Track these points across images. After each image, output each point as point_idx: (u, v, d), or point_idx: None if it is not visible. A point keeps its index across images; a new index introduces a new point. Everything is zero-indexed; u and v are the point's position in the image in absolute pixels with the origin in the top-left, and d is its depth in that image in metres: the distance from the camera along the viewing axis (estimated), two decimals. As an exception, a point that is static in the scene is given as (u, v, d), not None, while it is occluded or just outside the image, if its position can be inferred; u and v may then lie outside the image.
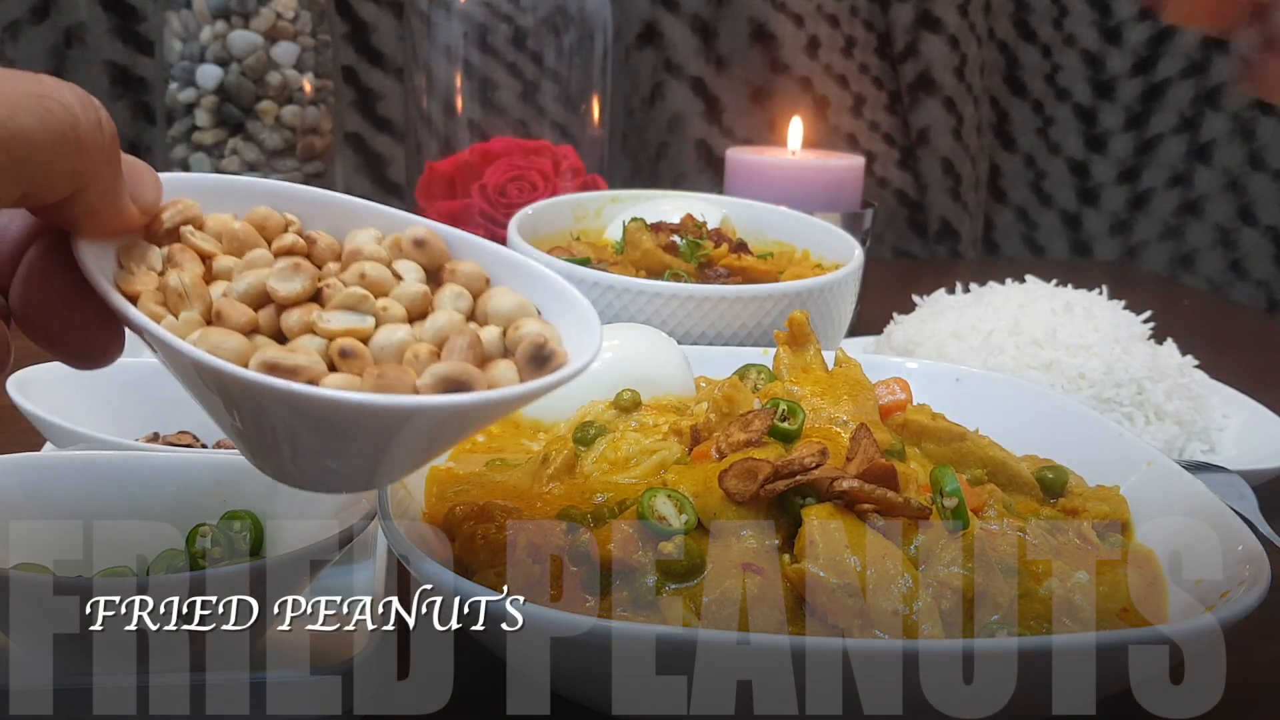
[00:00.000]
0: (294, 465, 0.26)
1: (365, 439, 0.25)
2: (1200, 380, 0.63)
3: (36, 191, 0.23)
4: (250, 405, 0.24)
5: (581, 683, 0.30)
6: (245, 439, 0.26)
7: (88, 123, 0.23)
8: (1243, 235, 1.37)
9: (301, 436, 0.25)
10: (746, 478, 0.32)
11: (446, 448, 0.27)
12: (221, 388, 0.24)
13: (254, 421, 0.25)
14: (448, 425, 0.25)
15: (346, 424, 0.24)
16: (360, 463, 0.26)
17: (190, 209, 0.27)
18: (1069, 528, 0.38)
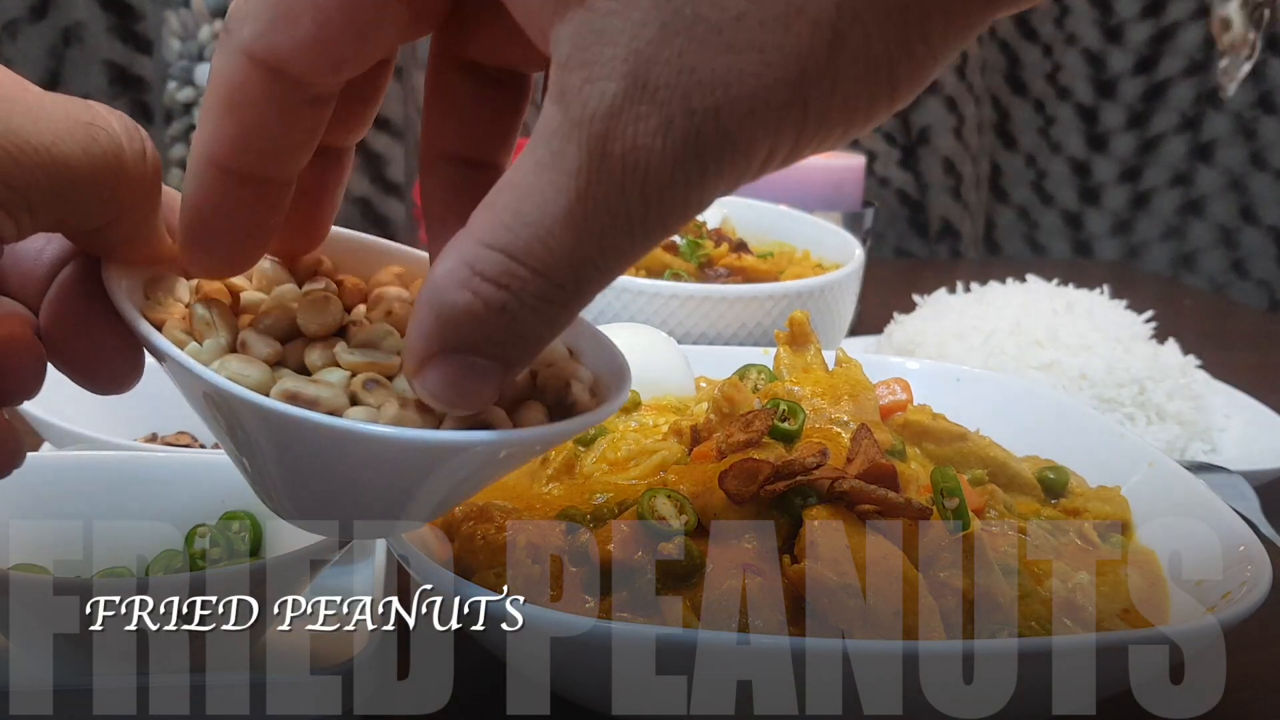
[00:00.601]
0: (309, 504, 0.26)
1: (378, 475, 0.24)
2: (1202, 380, 0.63)
3: (74, 218, 0.22)
4: (268, 436, 0.24)
5: (581, 683, 0.30)
6: (260, 476, 0.26)
7: (132, 153, 0.23)
8: (1244, 235, 1.37)
9: (316, 471, 0.24)
10: (747, 478, 0.32)
11: (467, 491, 0.26)
12: (237, 416, 0.24)
13: (271, 456, 0.24)
14: (467, 464, 0.24)
15: (360, 457, 0.23)
16: (372, 502, 0.25)
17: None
18: (1070, 528, 0.38)
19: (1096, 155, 1.39)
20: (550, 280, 0.20)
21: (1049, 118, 1.38)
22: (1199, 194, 1.38)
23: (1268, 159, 1.34)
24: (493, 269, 0.20)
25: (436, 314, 0.21)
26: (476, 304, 0.20)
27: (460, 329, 0.21)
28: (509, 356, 0.21)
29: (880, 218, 1.14)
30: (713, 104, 0.18)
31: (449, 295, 0.20)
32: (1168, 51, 1.35)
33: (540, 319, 0.21)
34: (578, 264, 0.20)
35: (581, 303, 0.21)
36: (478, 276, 0.20)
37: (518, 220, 0.20)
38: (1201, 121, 1.36)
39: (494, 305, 0.20)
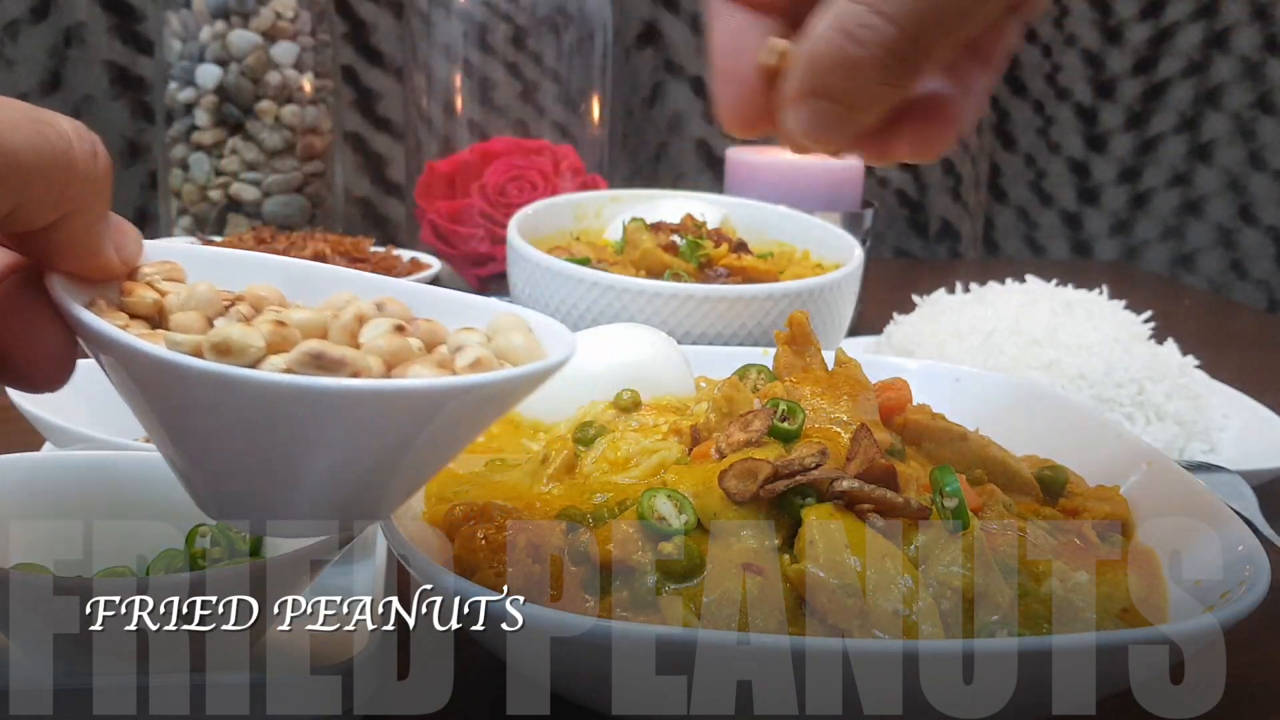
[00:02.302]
0: (238, 483, 0.26)
1: (311, 429, 0.24)
2: (1200, 380, 0.63)
3: (22, 212, 0.23)
4: (202, 401, 0.23)
5: (581, 683, 0.30)
6: (192, 460, 0.26)
7: (82, 151, 0.23)
8: (1243, 235, 1.37)
9: (244, 436, 0.24)
10: (746, 478, 0.32)
11: (431, 457, 0.26)
12: (170, 389, 0.24)
13: (208, 431, 0.24)
14: (409, 414, 0.24)
15: (291, 413, 0.23)
16: (296, 478, 0.25)
17: (175, 271, 0.28)
18: (1069, 528, 0.38)
19: (1095, 155, 1.39)
20: (897, 26, 0.23)
21: (1048, 118, 1.39)
22: (1198, 194, 1.38)
23: (1266, 159, 1.35)
24: (851, 19, 0.24)
25: (807, 57, 0.25)
26: (835, 51, 0.24)
27: (821, 74, 0.25)
28: (858, 104, 0.25)
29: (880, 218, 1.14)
30: None
31: (816, 43, 0.25)
32: (1167, 52, 1.35)
33: (885, 71, 0.24)
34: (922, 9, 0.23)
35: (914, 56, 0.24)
36: (839, 26, 0.24)
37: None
38: (1200, 122, 1.36)
39: (848, 52, 0.24)
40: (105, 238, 0.25)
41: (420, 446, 0.25)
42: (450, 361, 0.25)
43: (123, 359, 0.24)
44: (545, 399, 0.45)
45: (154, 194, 1.05)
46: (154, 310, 0.26)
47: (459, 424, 0.26)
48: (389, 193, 1.15)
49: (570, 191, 0.81)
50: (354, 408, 0.23)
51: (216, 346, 0.23)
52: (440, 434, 0.25)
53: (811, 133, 0.26)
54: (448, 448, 0.27)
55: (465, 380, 0.24)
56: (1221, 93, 1.34)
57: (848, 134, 0.26)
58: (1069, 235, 1.42)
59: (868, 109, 0.26)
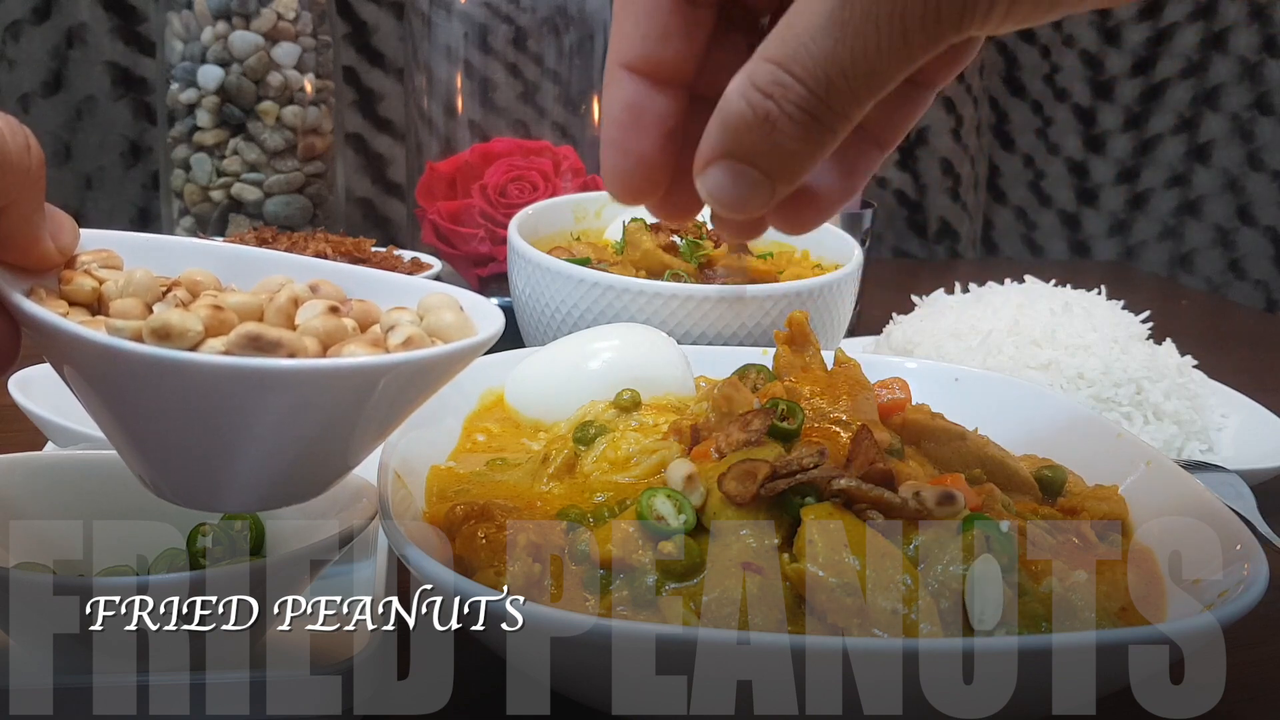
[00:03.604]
0: (175, 469, 0.26)
1: (251, 409, 0.24)
2: (1199, 380, 0.63)
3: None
4: (143, 386, 0.24)
5: (581, 682, 0.30)
6: (136, 444, 0.26)
7: (15, 145, 0.23)
8: (1241, 235, 1.38)
9: (185, 418, 0.25)
10: (746, 479, 0.32)
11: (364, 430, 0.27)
12: (112, 372, 0.24)
13: (149, 413, 0.25)
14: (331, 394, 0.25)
15: (227, 391, 0.24)
16: (236, 455, 0.26)
17: (112, 259, 0.28)
18: (1068, 527, 0.38)
19: (1094, 156, 1.39)
20: (807, 86, 0.22)
21: (1047, 119, 1.39)
22: (1196, 195, 1.38)
23: (1265, 160, 1.35)
24: (764, 78, 0.23)
25: (720, 120, 0.24)
26: (748, 112, 0.23)
27: (735, 136, 0.24)
28: (772, 169, 0.24)
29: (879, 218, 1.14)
30: None
31: (729, 104, 0.23)
32: (1165, 53, 1.35)
33: (799, 130, 0.23)
34: (832, 70, 0.22)
35: (835, 120, 0.23)
36: (752, 86, 0.23)
37: (789, 32, 0.23)
38: (1199, 122, 1.36)
39: (760, 113, 0.23)
40: (42, 228, 0.26)
41: (357, 423, 0.26)
42: (384, 340, 0.26)
43: (64, 346, 0.24)
44: (545, 399, 0.45)
45: (156, 195, 1.05)
46: (93, 298, 0.27)
47: (393, 400, 0.27)
48: (390, 193, 1.15)
49: (570, 192, 0.81)
50: (291, 387, 0.24)
51: (156, 331, 0.24)
52: (376, 410, 0.26)
53: (725, 198, 0.24)
54: (383, 424, 0.28)
55: (398, 358, 0.25)
56: (1220, 93, 1.35)
57: (764, 200, 0.24)
58: (1067, 235, 1.42)
59: (785, 173, 0.24)
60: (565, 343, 0.47)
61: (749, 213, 0.25)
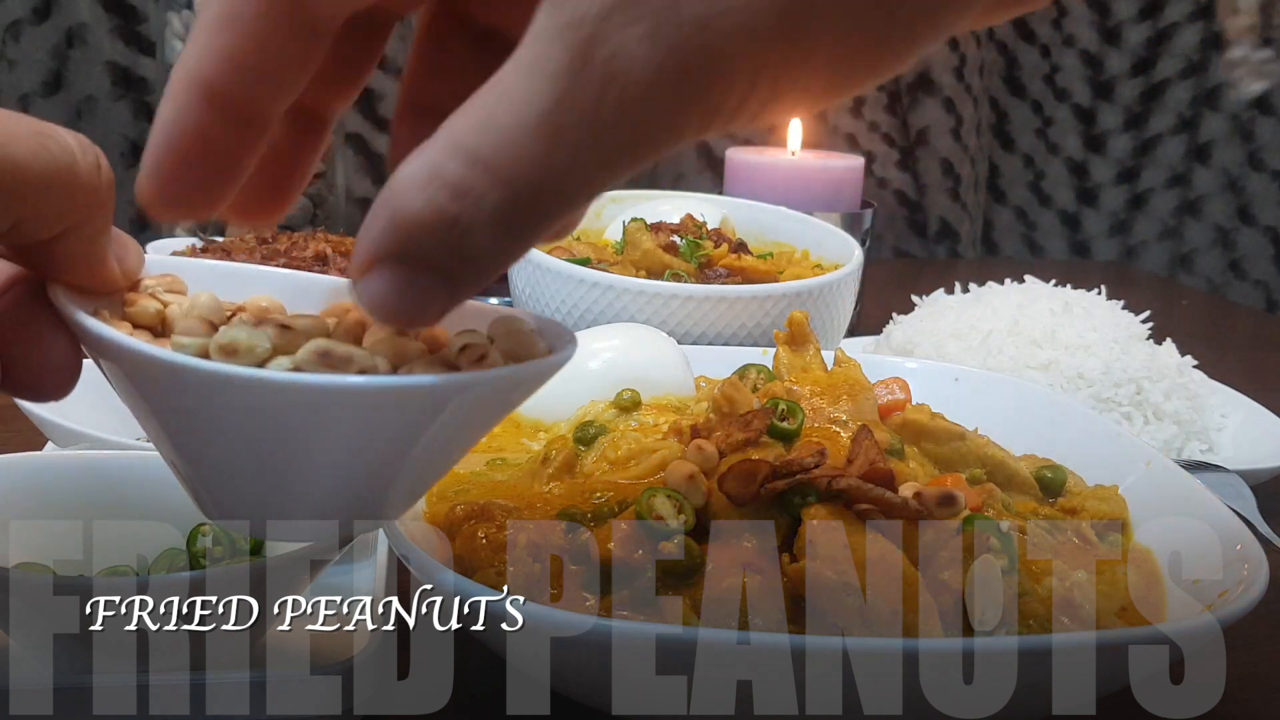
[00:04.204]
0: (246, 485, 0.26)
1: (312, 440, 0.23)
2: (1199, 380, 0.63)
3: (26, 225, 0.23)
4: (208, 404, 0.23)
5: (581, 682, 0.30)
6: (199, 463, 0.26)
7: (86, 164, 0.23)
8: (1241, 235, 1.38)
9: (251, 437, 0.24)
10: (746, 479, 0.32)
11: (416, 466, 0.26)
12: (174, 387, 0.24)
13: (216, 433, 0.24)
14: (411, 414, 0.24)
15: (304, 412, 0.23)
16: (309, 482, 0.25)
17: (176, 284, 0.28)
18: (1068, 527, 0.38)
19: (1094, 156, 1.39)
20: (511, 191, 0.19)
21: (1047, 119, 1.39)
22: (1196, 195, 1.38)
23: (1265, 160, 1.35)
24: (454, 174, 0.19)
25: (389, 216, 0.19)
26: (430, 211, 0.19)
27: (411, 236, 0.19)
28: (455, 275, 0.20)
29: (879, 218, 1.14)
30: (701, 15, 0.18)
31: (405, 199, 0.19)
32: (1165, 53, 1.35)
33: (493, 236, 0.19)
34: (543, 177, 0.19)
35: (535, 229, 0.20)
36: (437, 181, 0.19)
37: (490, 123, 0.19)
38: (1199, 122, 1.36)
39: (448, 214, 0.19)
40: (108, 250, 0.25)
41: (426, 445, 0.25)
42: (454, 361, 0.26)
43: (131, 364, 0.24)
44: (545, 399, 0.45)
45: (154, 194, 1.05)
46: (157, 320, 0.26)
47: (464, 422, 0.26)
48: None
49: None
50: (363, 404, 0.23)
51: (224, 348, 0.23)
52: (445, 432, 0.25)
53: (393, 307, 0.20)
54: (452, 448, 0.27)
55: (472, 376, 0.24)
56: (1220, 93, 1.35)
57: (443, 309, 0.20)
58: (1067, 235, 1.42)
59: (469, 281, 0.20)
60: (565, 343, 0.47)
61: (421, 323, 0.21)
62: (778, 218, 0.71)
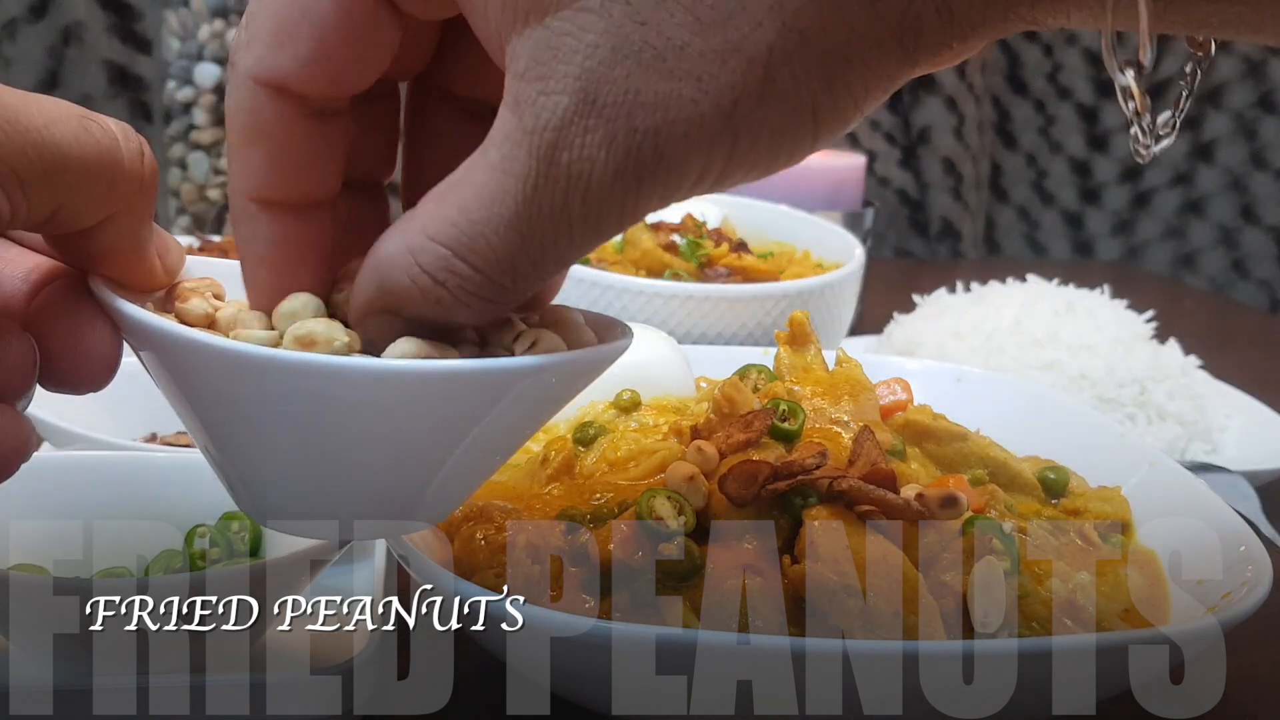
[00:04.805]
0: (301, 492, 0.25)
1: (383, 431, 0.23)
2: (1202, 380, 0.63)
3: (68, 211, 0.23)
4: (268, 398, 0.23)
5: (581, 683, 0.30)
6: (250, 463, 0.25)
7: (129, 150, 0.23)
8: (1245, 235, 1.37)
9: (322, 439, 0.23)
10: (746, 481, 0.32)
11: (482, 454, 0.26)
12: (231, 385, 0.23)
13: (266, 431, 0.24)
14: (485, 396, 0.24)
15: (360, 402, 0.23)
16: (375, 476, 0.24)
17: (215, 286, 0.27)
18: (1070, 528, 0.38)
19: (1097, 155, 1.39)
20: (489, 277, 0.21)
21: (1049, 117, 1.38)
22: (1199, 194, 1.38)
23: (1268, 158, 1.34)
24: (433, 263, 0.21)
25: (379, 284, 0.22)
26: (414, 290, 0.22)
27: (396, 301, 0.22)
28: (444, 330, 0.23)
29: (880, 218, 1.14)
30: (653, 124, 0.20)
31: (390, 275, 0.22)
32: (1168, 51, 1.34)
33: (472, 312, 0.22)
34: (518, 263, 0.21)
35: (515, 299, 0.22)
36: (418, 266, 0.21)
37: (464, 218, 0.21)
38: (1202, 121, 1.36)
39: (430, 295, 0.22)
40: (149, 243, 0.25)
41: (483, 434, 0.25)
42: (510, 348, 0.25)
43: (188, 359, 0.23)
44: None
45: (154, 193, 1.05)
46: (205, 322, 0.26)
47: (524, 411, 0.25)
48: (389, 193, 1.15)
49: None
50: (447, 389, 0.23)
51: (301, 340, 0.23)
52: (503, 422, 0.25)
53: (391, 346, 0.23)
54: (504, 441, 0.27)
55: (542, 359, 0.24)
56: (1223, 92, 1.34)
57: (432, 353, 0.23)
58: (1070, 235, 1.42)
59: (457, 333, 0.23)
60: (566, 342, 0.47)
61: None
62: (778, 217, 0.71)
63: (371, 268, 0.22)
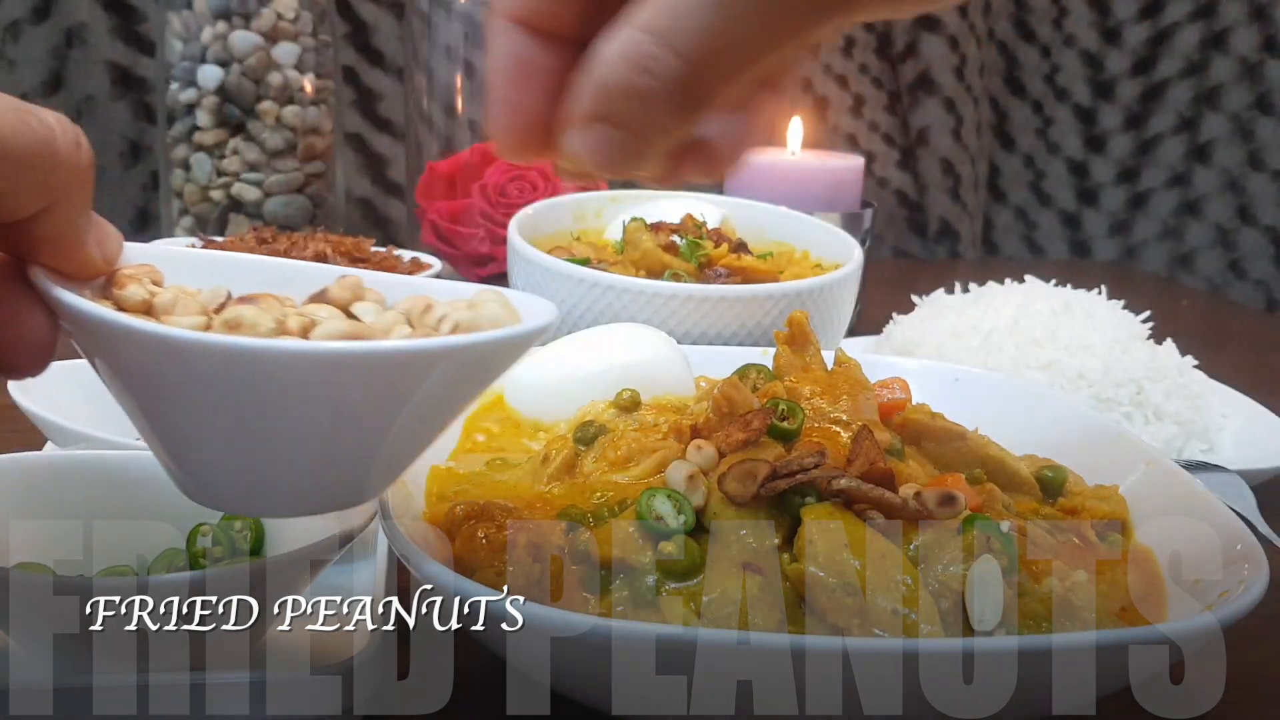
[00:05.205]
0: (235, 473, 0.26)
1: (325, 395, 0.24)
2: (1199, 380, 0.63)
3: (6, 201, 0.23)
4: (201, 381, 0.24)
5: (581, 682, 0.30)
6: (185, 449, 0.26)
7: (65, 141, 0.23)
8: (1242, 235, 1.38)
9: (249, 413, 0.24)
10: (746, 479, 0.32)
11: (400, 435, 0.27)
12: (162, 369, 0.24)
13: (205, 415, 0.24)
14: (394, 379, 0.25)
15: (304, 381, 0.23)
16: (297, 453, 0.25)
17: (154, 273, 0.28)
18: (1068, 527, 0.38)
19: (1094, 156, 1.39)
20: (681, 58, 0.22)
21: (1047, 118, 1.39)
22: (1196, 194, 1.38)
23: (1265, 160, 1.35)
24: (636, 49, 0.23)
25: (590, 83, 0.24)
26: (619, 81, 0.23)
27: (606, 102, 0.24)
28: (642, 134, 0.24)
29: (879, 218, 1.14)
30: None
31: (600, 71, 0.24)
32: (1165, 53, 1.35)
33: (670, 102, 0.23)
34: (708, 46, 0.22)
35: (708, 93, 0.23)
36: (622, 56, 0.23)
37: (668, 4, 0.22)
38: (1199, 122, 1.36)
39: (634, 85, 0.23)
40: (88, 232, 0.26)
41: (413, 413, 0.26)
42: (435, 329, 0.26)
43: (120, 344, 0.24)
44: (545, 399, 0.45)
45: (155, 195, 1.05)
46: (143, 309, 0.26)
47: (448, 390, 0.26)
48: (390, 193, 1.15)
49: (570, 192, 0.81)
50: (370, 369, 0.23)
51: (229, 323, 0.24)
52: (431, 400, 0.26)
53: (595, 157, 0.25)
54: (433, 419, 0.28)
55: (460, 339, 0.25)
56: (1220, 93, 1.35)
57: (634, 162, 0.25)
58: (1068, 235, 1.42)
59: (655, 139, 0.24)
60: (565, 343, 0.47)
61: (617, 173, 0.25)
62: (778, 218, 0.71)
63: (588, 72, 0.24)
